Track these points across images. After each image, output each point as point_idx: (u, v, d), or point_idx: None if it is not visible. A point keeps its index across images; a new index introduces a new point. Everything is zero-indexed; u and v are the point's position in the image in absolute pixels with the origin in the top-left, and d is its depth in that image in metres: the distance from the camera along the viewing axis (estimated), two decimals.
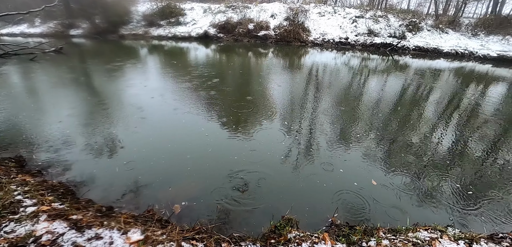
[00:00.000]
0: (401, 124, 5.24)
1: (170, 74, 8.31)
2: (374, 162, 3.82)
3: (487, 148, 4.59)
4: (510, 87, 9.54)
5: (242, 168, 3.44)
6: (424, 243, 1.83)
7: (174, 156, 3.68)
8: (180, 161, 3.56)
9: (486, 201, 3.16)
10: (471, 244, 1.88)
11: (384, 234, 2.02)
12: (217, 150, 3.88)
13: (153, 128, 4.49)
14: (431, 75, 10.24)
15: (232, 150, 3.89)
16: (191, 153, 3.76)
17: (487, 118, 6.07)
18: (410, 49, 14.63)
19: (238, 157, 3.70)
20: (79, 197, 2.86)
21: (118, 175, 3.25)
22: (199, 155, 3.71)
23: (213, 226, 2.25)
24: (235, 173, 3.32)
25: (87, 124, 4.58)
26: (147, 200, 2.81)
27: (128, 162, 3.52)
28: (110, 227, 1.92)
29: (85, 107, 5.35)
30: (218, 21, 16.22)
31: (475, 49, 14.31)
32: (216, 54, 13.12)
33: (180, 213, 2.63)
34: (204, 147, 3.93)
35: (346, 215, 2.72)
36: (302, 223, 2.51)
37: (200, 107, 5.51)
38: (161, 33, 17.36)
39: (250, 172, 3.37)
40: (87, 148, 3.84)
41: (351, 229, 2.23)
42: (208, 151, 3.82)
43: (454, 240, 1.90)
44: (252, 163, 3.57)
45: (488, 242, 2.07)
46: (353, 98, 6.77)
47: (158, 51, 13.10)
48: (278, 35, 14.91)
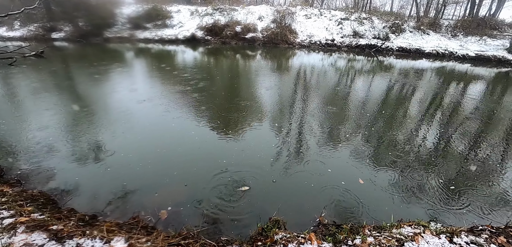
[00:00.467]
0: (387, 123, 5.36)
1: (158, 77, 8.19)
2: (362, 161, 3.89)
3: (468, 144, 4.77)
4: (488, 85, 9.96)
5: (231, 170, 3.43)
6: (407, 238, 1.88)
7: (161, 161, 3.62)
8: (168, 165, 3.51)
9: (467, 195, 3.28)
10: (452, 238, 1.95)
11: (370, 232, 2.06)
12: (205, 153, 3.85)
13: (141, 133, 4.41)
14: (415, 75, 10.55)
15: (221, 153, 3.87)
16: (179, 157, 3.71)
17: (467, 115, 6.32)
18: (394, 50, 15.04)
19: (227, 160, 3.68)
20: (61, 206, 2.77)
21: (103, 182, 3.17)
22: (187, 159, 3.67)
23: (199, 231, 2.23)
24: (223, 176, 3.30)
25: (71, 131, 4.44)
26: (133, 207, 2.75)
27: (113, 168, 3.44)
28: (92, 236, 1.87)
29: (68, 113, 5.19)
30: (205, 23, 16.14)
31: (454, 50, 14.87)
32: (204, 56, 13.04)
33: (167, 219, 2.59)
34: (193, 151, 3.90)
35: (334, 214, 2.76)
36: (290, 223, 2.53)
37: (189, 110, 5.46)
38: (147, 36, 17.10)
39: (239, 174, 3.36)
40: (71, 156, 3.72)
41: (338, 228, 2.27)
42: (196, 155, 3.79)
43: (436, 235, 1.96)
44: (241, 165, 3.56)
45: (468, 234, 2.15)
46: (341, 98, 6.88)
47: (145, 55, 12.89)
48: (266, 37, 15.00)
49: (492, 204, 3.16)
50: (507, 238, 2.21)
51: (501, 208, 3.11)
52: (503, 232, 2.31)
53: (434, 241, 1.88)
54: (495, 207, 3.11)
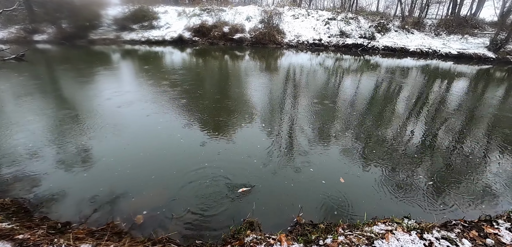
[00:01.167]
0: (374, 122, 5.43)
1: (144, 80, 8.05)
2: (343, 160, 3.93)
3: (452, 139, 4.88)
4: (470, 82, 10.26)
5: (212, 173, 3.39)
6: (378, 236, 1.90)
7: (143, 165, 3.54)
8: (148, 169, 3.44)
9: (449, 190, 3.35)
10: (422, 234, 1.98)
11: (343, 230, 2.07)
12: (189, 156, 3.80)
13: (125, 137, 4.31)
14: (401, 73, 10.76)
15: (204, 155, 3.82)
16: (161, 161, 3.65)
17: (451, 112, 6.49)
18: (380, 49, 15.30)
19: (210, 163, 3.63)
20: (33, 214, 2.67)
21: (80, 188, 3.07)
22: (169, 162, 3.61)
23: (169, 235, 2.19)
24: (203, 179, 3.26)
25: (51, 136, 4.29)
26: (109, 213, 2.69)
27: (92, 173, 3.35)
28: (58, 244, 1.80)
29: (49, 117, 5.02)
30: (192, 24, 16.00)
31: (438, 48, 15.25)
32: (192, 58, 12.92)
33: (143, 223, 2.54)
34: (177, 154, 3.84)
35: (312, 213, 2.77)
36: (267, 224, 2.52)
37: (176, 113, 5.37)
38: (134, 38, 16.83)
39: (221, 177, 3.33)
40: (49, 161, 3.60)
41: (314, 227, 2.27)
42: (179, 158, 3.73)
43: (407, 231, 1.99)
44: (223, 167, 3.53)
45: (441, 230, 2.19)
46: (329, 97, 6.93)
47: (132, 56, 12.66)
48: (254, 38, 14.99)
49: (472, 197, 3.24)
50: (478, 232, 2.26)
51: (480, 202, 3.19)
52: (476, 226, 2.37)
53: (405, 238, 1.90)
54: (475, 200, 3.19)
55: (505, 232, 2.24)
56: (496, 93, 8.84)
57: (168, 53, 13.77)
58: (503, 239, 2.16)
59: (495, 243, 2.11)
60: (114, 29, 17.51)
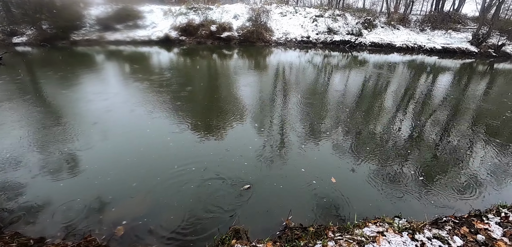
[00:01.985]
0: (364, 118, 5.41)
1: (131, 81, 7.77)
2: (335, 158, 3.88)
3: (439, 133, 4.92)
4: (454, 76, 10.48)
5: (199, 179, 3.27)
6: (369, 240, 1.83)
7: (126, 170, 3.37)
8: (131, 175, 3.28)
9: (438, 184, 3.34)
10: (414, 234, 1.93)
11: (333, 234, 2.00)
12: (176, 159, 3.65)
13: (110, 142, 4.11)
14: (388, 69, 10.87)
15: (193, 159, 3.68)
16: (148, 166, 3.47)
17: (437, 105, 6.60)
18: (367, 45, 15.46)
19: (197, 166, 3.50)
20: (3, 230, 2.48)
21: (57, 199, 2.88)
22: (155, 168, 3.44)
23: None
24: (189, 183, 3.13)
25: (29, 143, 4.04)
26: (86, 225, 2.52)
27: (70, 182, 3.16)
28: None
29: (29, 123, 4.73)
30: (179, 23, 15.68)
31: (423, 43, 15.54)
32: (180, 57, 12.66)
33: (124, 235, 2.39)
34: (165, 159, 3.67)
35: (302, 215, 2.68)
36: (256, 229, 2.42)
37: (165, 115, 5.19)
38: (118, 38, 16.34)
39: (207, 183, 3.21)
40: (25, 170, 3.37)
41: (304, 231, 2.19)
42: (167, 163, 3.57)
43: (398, 232, 1.93)
44: (210, 172, 3.41)
45: (432, 228, 2.15)
46: (319, 95, 6.89)
47: (117, 57, 12.28)
48: (242, 36, 14.83)
49: (461, 190, 3.24)
50: (469, 228, 2.24)
51: (469, 193, 3.20)
52: (466, 222, 2.35)
53: (396, 240, 1.84)
54: (464, 192, 3.19)
55: (495, 227, 2.23)
56: (479, 86, 9.06)
57: (155, 53, 13.44)
58: (493, 234, 2.14)
59: (486, 239, 2.09)
60: (97, 30, 16.94)
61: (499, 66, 13.61)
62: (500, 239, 2.09)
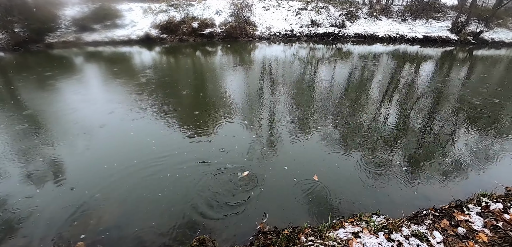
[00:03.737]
0: (349, 110, 5.32)
1: (113, 82, 7.38)
2: (318, 155, 3.73)
3: (422, 121, 4.89)
4: (436, 64, 10.61)
5: (167, 186, 3.06)
6: (341, 244, 1.70)
7: (103, 179, 3.11)
8: (105, 184, 3.03)
9: (420, 174, 3.27)
10: (391, 234, 1.81)
11: (306, 238, 1.86)
12: (157, 163, 3.41)
13: (87, 147, 3.82)
14: (372, 60, 10.87)
15: (172, 164, 3.46)
16: (124, 173, 3.21)
17: (421, 92, 6.64)
18: (351, 36, 15.48)
19: (172, 173, 3.28)
20: None
21: (14, 216, 2.61)
22: (132, 175, 3.19)
23: None
24: (155, 192, 2.92)
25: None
26: (41, 243, 2.28)
27: (28, 197, 2.88)
28: None
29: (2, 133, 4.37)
30: (159, 21, 15.20)
31: (405, 33, 15.71)
32: (162, 56, 12.26)
33: None
34: (146, 164, 3.41)
35: (279, 217, 2.53)
36: (227, 235, 2.25)
37: (149, 117, 4.90)
38: (96, 39, 15.70)
39: (175, 189, 3.01)
40: None
41: (278, 235, 2.04)
42: (146, 167, 3.33)
43: (374, 233, 1.81)
44: (182, 179, 3.21)
45: (410, 224, 2.04)
46: (304, 89, 6.75)
47: (96, 59, 11.71)
48: (225, 32, 14.52)
49: (442, 178, 3.18)
50: (449, 220, 2.14)
51: (450, 181, 3.14)
52: (446, 214, 2.26)
53: (372, 242, 1.72)
54: (445, 180, 3.13)
55: (476, 217, 2.14)
56: (460, 73, 9.20)
57: (136, 53, 12.97)
58: (474, 225, 2.06)
59: (467, 231, 2.00)
60: (74, 31, 16.22)
61: (478, 52, 13.92)
62: (481, 230, 2.00)
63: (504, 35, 16.69)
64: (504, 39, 16.43)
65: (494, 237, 1.92)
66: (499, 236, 1.92)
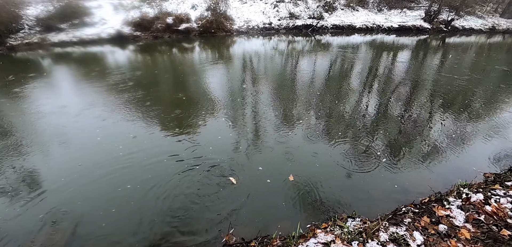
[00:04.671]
0: (332, 104, 5.17)
1: (85, 85, 6.78)
2: (295, 154, 3.51)
3: (401, 110, 4.83)
4: (411, 53, 10.77)
5: (128, 195, 2.75)
6: None
7: (53, 195, 2.74)
8: (57, 201, 2.66)
9: (399, 166, 3.15)
10: (366, 242, 1.63)
11: None
12: (120, 174, 3.07)
13: (49, 160, 3.40)
14: (351, 50, 10.85)
15: (141, 174, 3.13)
16: (84, 184, 2.86)
17: (399, 81, 6.63)
18: (329, 28, 15.48)
19: (133, 185, 2.96)
20: None
21: None
22: (94, 185, 2.84)
23: None
24: (125, 205, 2.61)
25: None
26: None
27: None
28: None
29: None
30: (131, 18, 14.45)
31: (381, 23, 15.92)
32: (136, 55, 11.60)
33: None
34: (110, 173, 3.07)
35: (249, 225, 2.30)
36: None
37: (121, 120, 4.52)
38: (63, 39, 14.69)
39: (132, 199, 2.70)
40: None
41: (246, 246, 1.81)
42: (112, 179, 2.98)
43: (347, 243, 1.62)
44: (147, 188, 2.90)
45: (389, 225, 1.87)
46: (285, 83, 6.54)
47: (65, 61, 10.83)
48: (201, 27, 14.03)
49: (422, 167, 3.08)
50: (430, 217, 2.00)
51: (429, 168, 3.05)
52: (426, 210, 2.12)
53: None
54: (425, 169, 3.03)
55: (457, 211, 2.01)
56: (434, 60, 9.38)
57: (109, 53, 12.21)
58: (455, 221, 1.92)
59: (448, 228, 1.86)
60: (39, 31, 15.08)
61: (450, 40, 14.35)
62: (463, 226, 1.87)
63: (474, 23, 17.35)
64: (473, 26, 17.07)
65: (477, 232, 1.80)
66: (481, 232, 1.80)
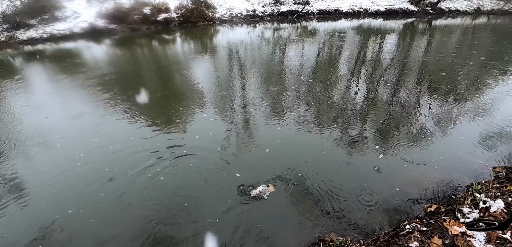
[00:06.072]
0: (322, 94, 4.77)
1: (60, 84, 6.08)
2: (278, 158, 3.09)
3: (390, 98, 4.49)
4: (398, 37, 10.50)
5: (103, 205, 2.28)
6: None
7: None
8: None
9: (399, 162, 2.80)
10: None
11: None
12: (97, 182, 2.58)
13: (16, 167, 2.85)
14: (339, 36, 10.46)
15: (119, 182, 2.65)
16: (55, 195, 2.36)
17: (387, 65, 6.37)
18: (315, 13, 15.03)
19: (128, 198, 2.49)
20: None
21: None
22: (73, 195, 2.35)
23: None
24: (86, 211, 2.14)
25: None
26: None
27: None
28: None
29: None
30: (106, 10, 13.52)
31: (368, 6, 15.58)
32: (114, 49, 10.79)
33: None
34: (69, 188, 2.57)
35: None
36: None
37: (103, 118, 4.07)
38: (33, 36, 13.64)
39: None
40: None
41: None
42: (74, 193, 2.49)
43: None
44: (110, 200, 2.44)
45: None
46: (273, 76, 6.09)
47: (36, 59, 9.86)
48: (181, 17, 13.27)
49: (426, 160, 2.73)
50: (442, 237, 1.64)
51: (434, 164, 2.72)
52: (436, 225, 1.75)
53: None
54: (430, 162, 2.68)
55: None
56: (421, 42, 9.16)
57: (84, 48, 11.30)
58: (474, 241, 1.56)
59: None
60: (5, 29, 13.95)
61: (436, 22, 14.19)
62: None
63: (459, 4, 17.27)
64: (459, 8, 17.00)
65: None
66: None
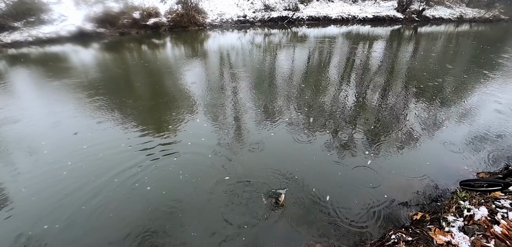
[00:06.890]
0: (312, 100, 4.83)
1: (47, 89, 5.89)
2: (269, 169, 3.14)
3: (379, 103, 4.59)
4: (386, 43, 10.77)
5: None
6: None
7: None
8: None
9: (385, 170, 2.87)
10: None
11: None
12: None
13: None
14: (329, 42, 10.64)
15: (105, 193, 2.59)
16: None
17: (375, 71, 6.53)
18: (305, 19, 15.25)
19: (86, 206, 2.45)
20: None
21: None
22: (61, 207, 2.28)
23: None
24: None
25: None
26: None
27: None
28: None
29: None
30: (94, 13, 13.29)
31: (356, 14, 15.96)
32: (102, 54, 10.59)
33: None
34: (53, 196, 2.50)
35: None
36: None
37: (88, 126, 3.95)
38: (17, 39, 13.24)
39: None
40: None
41: None
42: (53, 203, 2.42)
43: None
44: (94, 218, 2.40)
45: None
46: (264, 81, 6.12)
47: (21, 63, 9.54)
48: (172, 21, 13.20)
49: (411, 168, 2.81)
50: (427, 246, 1.70)
51: (420, 172, 2.79)
52: (421, 234, 1.81)
53: None
54: (415, 169, 2.76)
55: (459, 236, 1.72)
56: (407, 49, 9.44)
57: (71, 52, 11.05)
58: None
59: None
60: None
61: (421, 29, 14.66)
62: None
63: (443, 12, 17.92)
64: (443, 16, 17.63)
65: None
66: None
